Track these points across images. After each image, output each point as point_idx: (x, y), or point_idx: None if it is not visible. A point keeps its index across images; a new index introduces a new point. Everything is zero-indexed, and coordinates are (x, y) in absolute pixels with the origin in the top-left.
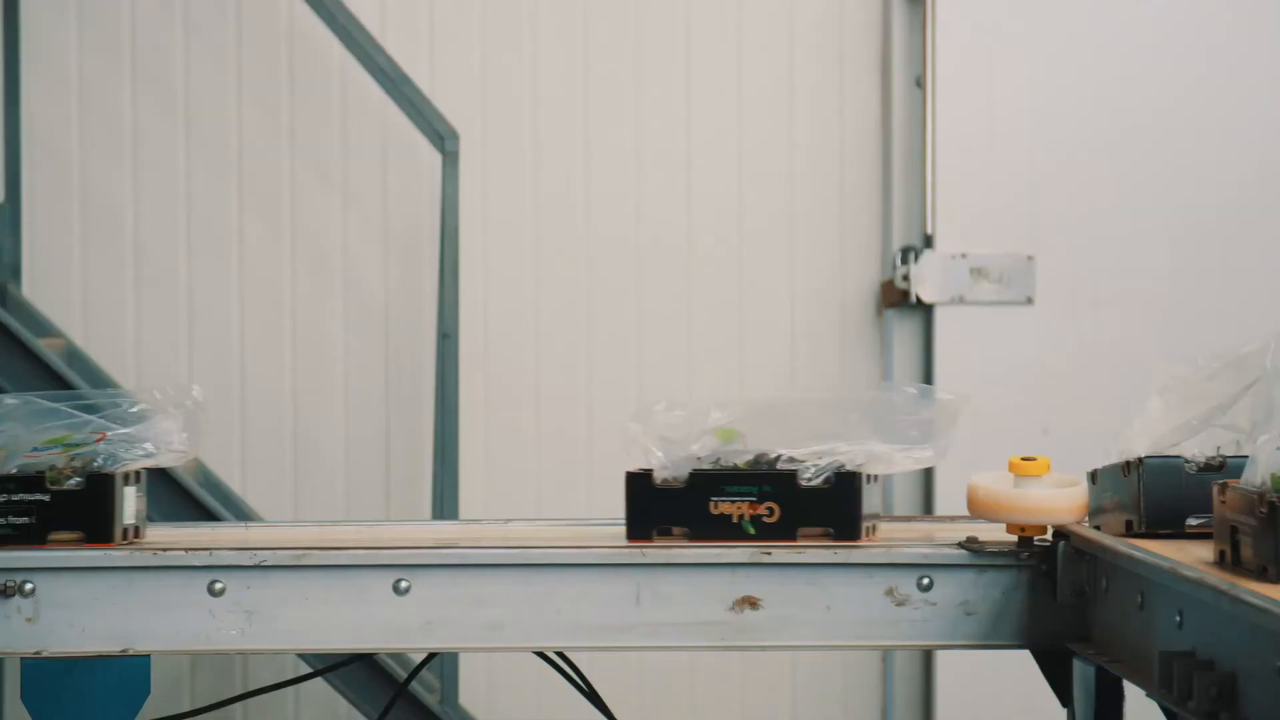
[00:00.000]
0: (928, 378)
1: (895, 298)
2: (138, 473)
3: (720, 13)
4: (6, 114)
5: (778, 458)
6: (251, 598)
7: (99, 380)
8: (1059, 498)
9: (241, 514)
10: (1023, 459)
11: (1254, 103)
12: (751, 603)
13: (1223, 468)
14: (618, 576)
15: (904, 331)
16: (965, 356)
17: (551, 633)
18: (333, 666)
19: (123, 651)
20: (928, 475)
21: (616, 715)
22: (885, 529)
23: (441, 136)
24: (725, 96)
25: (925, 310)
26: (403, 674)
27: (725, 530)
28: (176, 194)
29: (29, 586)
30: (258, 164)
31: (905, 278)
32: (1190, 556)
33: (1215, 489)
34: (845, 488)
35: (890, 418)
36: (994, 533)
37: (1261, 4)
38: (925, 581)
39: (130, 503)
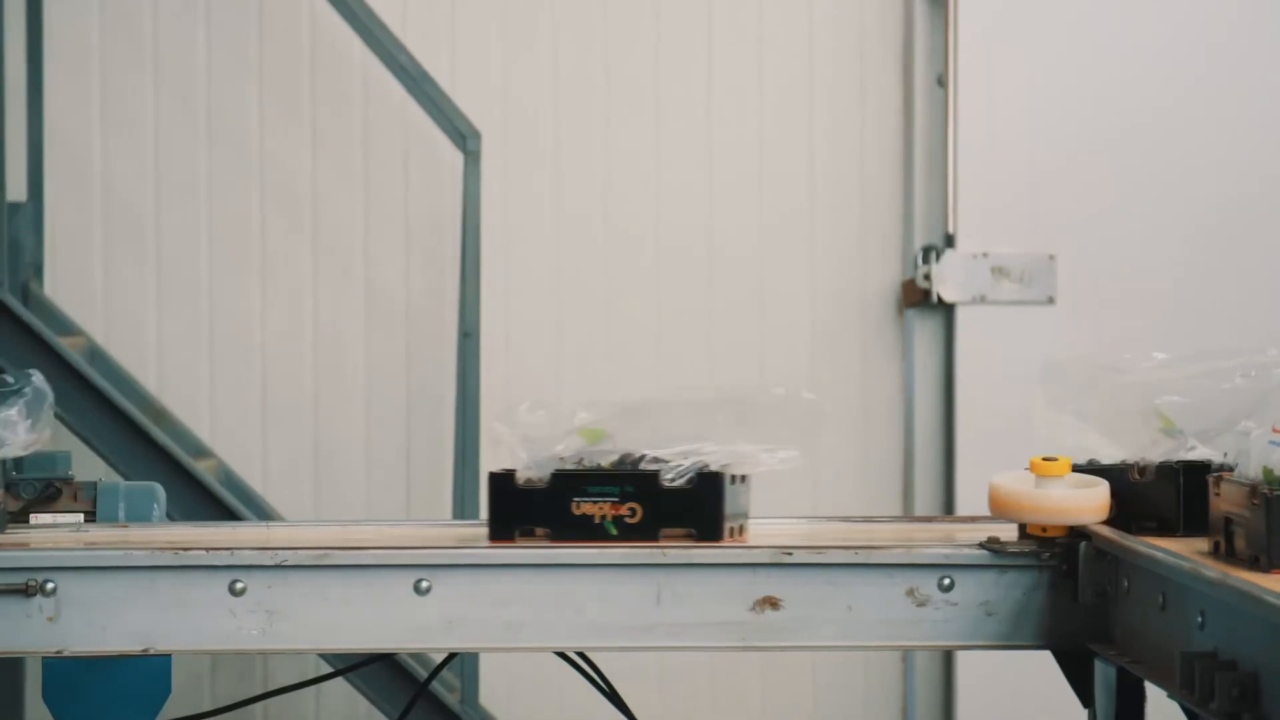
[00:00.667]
0: (949, 377)
1: (916, 297)
2: None
3: (740, 12)
4: (29, 113)
5: (641, 458)
6: (273, 597)
7: (120, 379)
8: (1081, 498)
9: (262, 513)
10: (1044, 459)
11: (1273, 96)
12: (772, 603)
13: None
14: (638, 577)
15: (925, 331)
16: (986, 356)
17: (572, 633)
18: (353, 666)
19: (144, 651)
20: (948, 475)
21: (636, 715)
22: (754, 529)
23: (463, 135)
24: (746, 95)
25: (946, 310)
26: (423, 674)
27: (587, 531)
28: (198, 193)
29: (50, 586)
30: (279, 162)
31: (926, 277)
32: (1188, 549)
33: (1210, 482)
34: (708, 488)
35: (758, 418)
36: (1015, 533)
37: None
38: (946, 582)
39: None
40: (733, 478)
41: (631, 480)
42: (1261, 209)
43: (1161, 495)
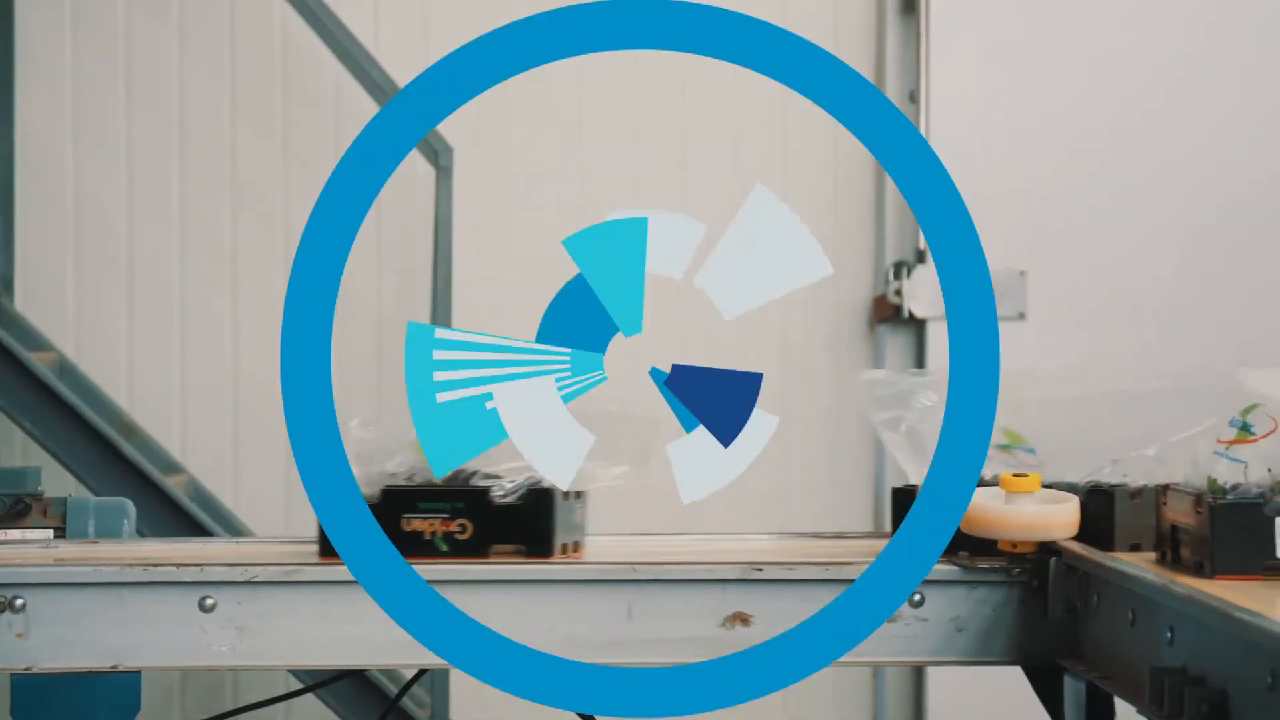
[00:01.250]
0: None
1: (887, 312)
2: None
3: None
4: (0, 124)
5: (474, 474)
6: (243, 614)
7: (91, 394)
8: (1051, 514)
9: (233, 529)
10: (1014, 475)
11: (1245, 114)
12: (743, 619)
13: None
14: (609, 593)
15: (896, 346)
16: None
17: (543, 648)
18: (323, 682)
19: (113, 667)
20: None
21: None
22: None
23: (436, 151)
24: (720, 108)
25: (918, 325)
26: (394, 689)
27: (417, 547)
28: (171, 206)
29: (19, 602)
30: (252, 176)
31: (898, 293)
32: (1139, 559)
33: (1157, 492)
34: (538, 504)
35: (594, 434)
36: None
37: (1256, 15)
38: (916, 598)
39: None
40: (565, 494)
41: (461, 496)
42: (1238, 224)
43: (1096, 512)
